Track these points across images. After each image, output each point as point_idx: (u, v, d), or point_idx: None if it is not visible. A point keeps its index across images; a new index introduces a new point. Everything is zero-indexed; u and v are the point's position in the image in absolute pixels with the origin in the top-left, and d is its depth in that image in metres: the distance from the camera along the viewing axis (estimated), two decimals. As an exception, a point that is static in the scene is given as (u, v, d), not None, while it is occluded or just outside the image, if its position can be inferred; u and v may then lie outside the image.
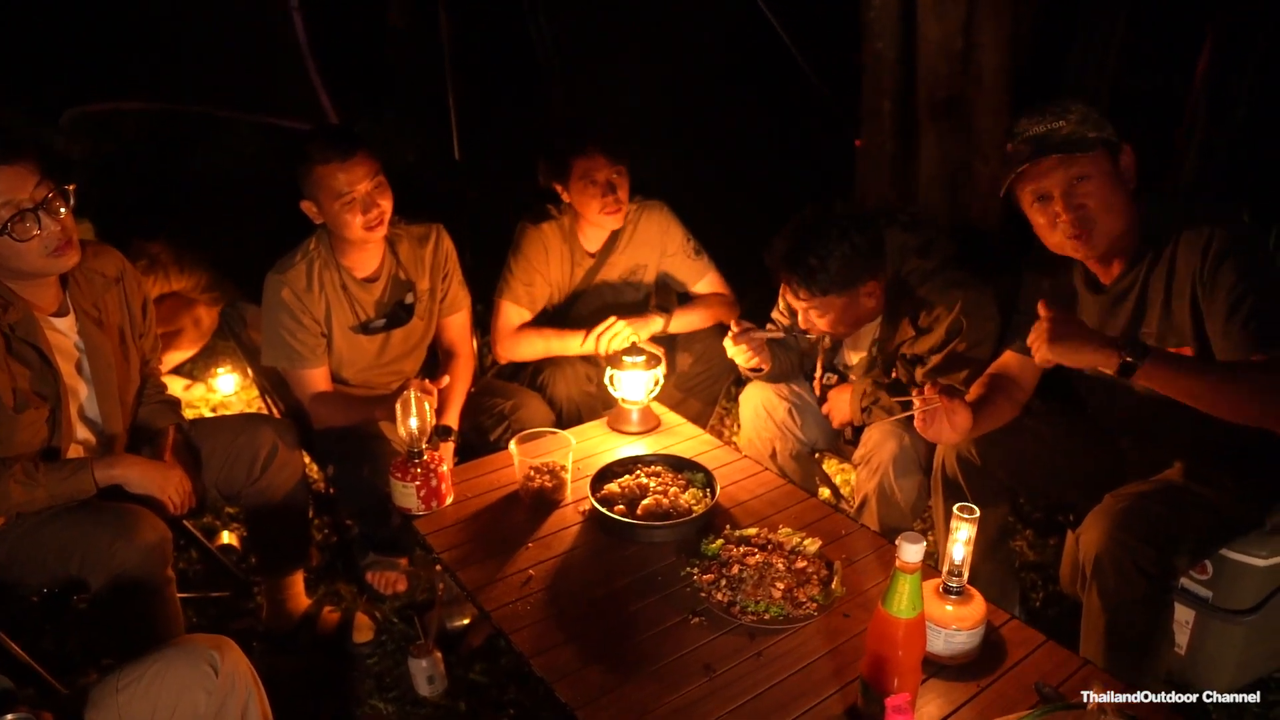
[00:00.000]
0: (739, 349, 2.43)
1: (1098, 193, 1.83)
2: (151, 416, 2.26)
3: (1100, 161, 1.83)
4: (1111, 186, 1.84)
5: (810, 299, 2.22)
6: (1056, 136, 1.83)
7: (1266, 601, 2.09)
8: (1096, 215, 1.84)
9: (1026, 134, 1.87)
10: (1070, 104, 1.86)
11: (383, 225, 2.36)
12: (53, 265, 1.92)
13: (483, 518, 2.03)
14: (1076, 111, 1.85)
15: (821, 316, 2.27)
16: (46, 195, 1.86)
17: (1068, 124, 1.84)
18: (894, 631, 1.33)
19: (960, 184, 4.64)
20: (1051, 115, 1.85)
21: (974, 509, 1.47)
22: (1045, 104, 1.87)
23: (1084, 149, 1.81)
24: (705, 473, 2.09)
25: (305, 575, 2.55)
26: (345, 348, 2.52)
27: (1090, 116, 1.85)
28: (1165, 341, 1.86)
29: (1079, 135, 1.82)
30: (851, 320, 2.30)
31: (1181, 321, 1.83)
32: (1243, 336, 1.73)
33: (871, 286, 2.23)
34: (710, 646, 1.60)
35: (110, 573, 1.84)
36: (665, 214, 2.87)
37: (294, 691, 2.25)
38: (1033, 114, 1.88)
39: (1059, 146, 1.81)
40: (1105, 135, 1.84)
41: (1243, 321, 1.73)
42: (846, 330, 2.36)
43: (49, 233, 1.87)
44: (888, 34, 4.54)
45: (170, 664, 1.44)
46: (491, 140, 5.14)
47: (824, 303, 2.22)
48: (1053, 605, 2.53)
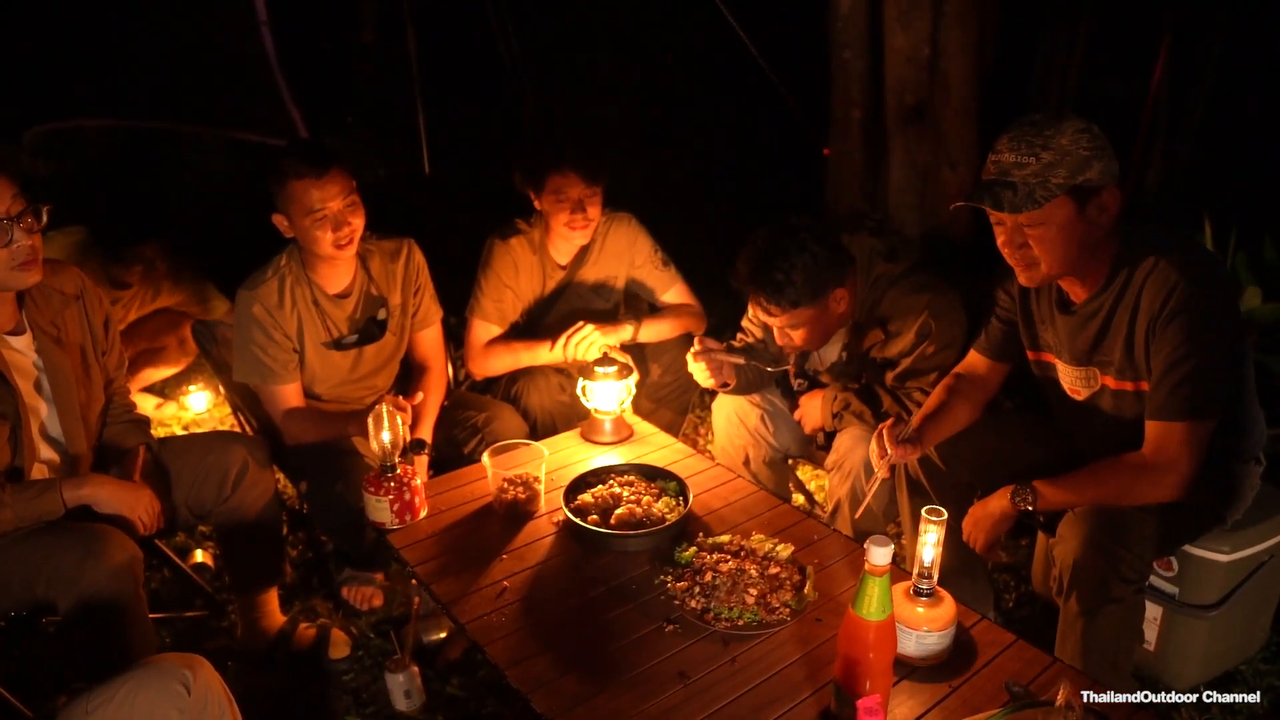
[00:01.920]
0: (698, 366, 2.45)
1: (1046, 240, 1.75)
2: (119, 436, 2.23)
3: (1057, 211, 1.71)
4: (1065, 236, 1.74)
5: (782, 313, 2.23)
6: (1012, 180, 1.72)
7: (1230, 595, 2.13)
8: (1041, 259, 1.78)
9: (996, 158, 1.76)
10: (1057, 135, 1.70)
11: (353, 244, 2.36)
12: (15, 279, 1.90)
13: (457, 531, 2.03)
14: (1056, 149, 1.69)
15: (795, 329, 2.27)
16: (22, 209, 1.87)
17: (1036, 163, 1.70)
18: (864, 634, 1.34)
19: (929, 190, 4.70)
20: (1026, 148, 1.72)
21: (942, 511, 1.49)
22: (1034, 128, 1.72)
23: (1033, 205, 1.70)
24: (678, 481, 2.10)
25: (280, 592, 2.53)
26: (318, 364, 2.51)
27: (1070, 155, 1.69)
28: (1124, 376, 1.86)
29: (1039, 183, 1.70)
30: (823, 331, 2.32)
31: (1139, 360, 1.82)
32: (1168, 400, 1.75)
33: (839, 294, 2.25)
34: (685, 654, 1.61)
35: (78, 594, 1.81)
36: (633, 225, 2.88)
37: (271, 709, 2.23)
38: (1015, 137, 1.74)
39: (1001, 200, 1.72)
40: (1080, 180, 1.70)
41: (1174, 384, 1.74)
42: (821, 341, 2.38)
43: (19, 246, 1.87)
44: (855, 43, 4.61)
45: (141, 684, 1.42)
46: (461, 154, 5.15)
47: (795, 315, 2.23)
48: (1025, 606, 2.56)
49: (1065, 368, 1.99)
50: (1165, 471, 1.77)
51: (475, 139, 5.85)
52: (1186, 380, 1.72)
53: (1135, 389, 1.86)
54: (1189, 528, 1.98)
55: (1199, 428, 1.75)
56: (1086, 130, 1.71)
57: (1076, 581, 1.80)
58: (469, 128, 6.28)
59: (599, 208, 2.70)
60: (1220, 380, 1.76)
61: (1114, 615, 1.79)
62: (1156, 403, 1.78)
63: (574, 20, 7.08)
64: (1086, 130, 1.71)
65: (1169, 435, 1.76)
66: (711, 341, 2.46)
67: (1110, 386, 1.91)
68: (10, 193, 1.86)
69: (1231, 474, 1.97)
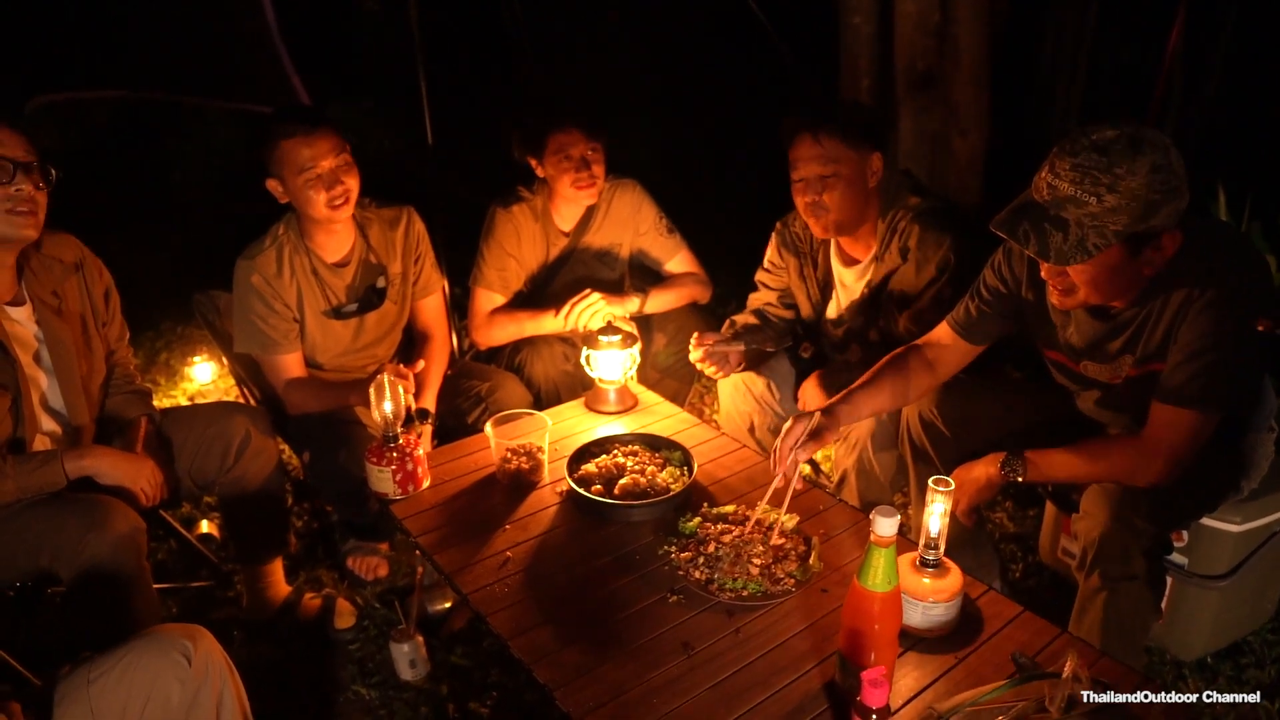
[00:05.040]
0: (704, 365, 2.43)
1: (1087, 275, 1.66)
2: (121, 407, 2.23)
3: (1108, 257, 1.60)
4: (1110, 275, 1.65)
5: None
6: (1064, 218, 1.58)
7: (1240, 566, 2.11)
8: (1082, 290, 1.70)
9: (1053, 181, 1.60)
10: (1129, 175, 1.52)
11: (348, 205, 2.33)
12: (10, 225, 1.89)
13: (460, 501, 2.02)
14: (1124, 193, 1.53)
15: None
16: (32, 162, 1.89)
17: (1096, 205, 1.55)
18: (869, 605, 1.33)
19: (939, 158, 4.64)
20: (1091, 184, 1.54)
21: (949, 481, 1.47)
22: (1105, 160, 1.53)
23: (1083, 256, 1.58)
24: (683, 451, 2.08)
25: (285, 562, 2.54)
26: (318, 333, 2.49)
27: (1138, 200, 1.53)
28: (1149, 364, 1.79)
29: (1094, 228, 1.57)
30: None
31: (1166, 346, 1.74)
32: (1183, 386, 1.69)
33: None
34: (688, 625, 1.60)
35: (81, 564, 1.81)
36: (638, 192, 2.85)
37: (276, 679, 2.24)
38: (1080, 166, 1.56)
39: (1048, 246, 1.59)
40: (1142, 228, 1.56)
41: (1192, 372, 1.67)
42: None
43: (20, 191, 1.87)
44: (864, 9, 4.53)
45: (142, 654, 1.42)
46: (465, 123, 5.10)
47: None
48: (1032, 576, 2.54)
49: (1088, 364, 1.92)
50: (1160, 455, 1.72)
51: (479, 109, 5.80)
52: (1205, 371, 1.66)
53: (1157, 371, 1.79)
54: (1208, 499, 1.95)
55: (1205, 419, 1.70)
56: (1164, 168, 1.53)
57: (1101, 557, 1.76)
58: (473, 97, 6.22)
59: (603, 165, 2.66)
60: (1238, 379, 1.71)
61: (1135, 591, 1.76)
62: (1170, 386, 1.71)
63: (580, -14, 6.99)
64: (1164, 168, 1.53)
65: (1175, 419, 1.71)
66: (710, 336, 2.44)
67: (1132, 375, 1.84)
68: (23, 146, 1.89)
69: (1247, 444, 1.95)
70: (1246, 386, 1.80)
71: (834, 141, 2.17)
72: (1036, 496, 2.81)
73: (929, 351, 2.05)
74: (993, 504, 2.83)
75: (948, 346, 2.05)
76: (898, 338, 2.29)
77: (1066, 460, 1.85)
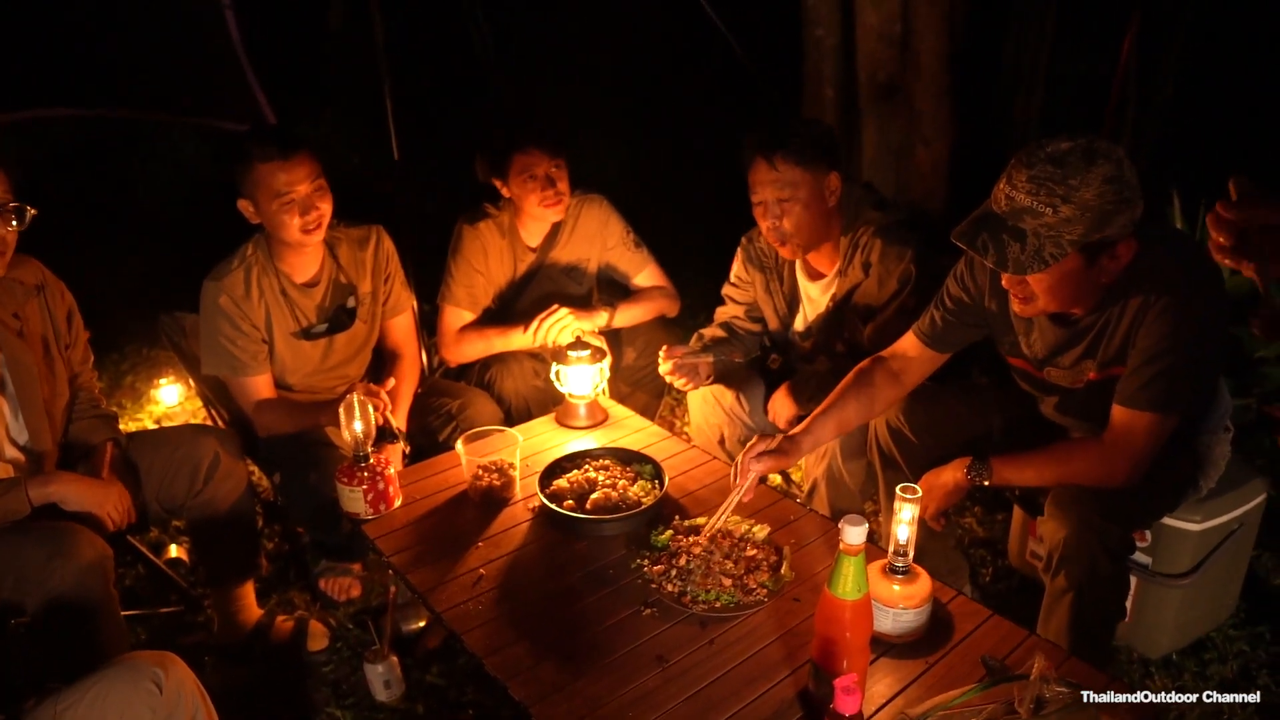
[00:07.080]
0: (674, 378, 2.45)
1: (1045, 284, 1.70)
2: (86, 432, 2.20)
3: (1065, 266, 1.64)
4: (1067, 283, 1.69)
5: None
6: (1021, 229, 1.62)
7: (1202, 564, 2.15)
8: (1041, 298, 1.74)
9: (1011, 192, 1.63)
10: (1082, 187, 1.56)
11: (320, 229, 2.33)
12: None
13: (432, 519, 2.02)
14: (1078, 203, 1.57)
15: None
16: (7, 201, 1.89)
17: (1052, 215, 1.59)
18: (840, 613, 1.34)
19: (903, 167, 4.70)
20: (1046, 195, 1.58)
21: (916, 489, 1.49)
22: (1060, 172, 1.57)
23: (1040, 265, 1.61)
24: (653, 464, 2.09)
25: (256, 585, 2.51)
26: (287, 354, 2.48)
27: (1092, 211, 1.57)
28: (1109, 368, 1.83)
29: (1050, 238, 1.60)
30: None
31: (1126, 349, 1.78)
32: (1141, 390, 1.73)
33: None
34: (662, 637, 1.60)
35: (47, 594, 1.78)
36: (605, 207, 2.87)
37: (249, 704, 2.21)
38: (1037, 179, 1.59)
39: (1006, 257, 1.63)
40: (1097, 237, 1.60)
41: (1150, 376, 1.71)
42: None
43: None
44: (827, 20, 4.58)
45: (112, 683, 1.41)
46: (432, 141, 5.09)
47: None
48: (1001, 580, 2.58)
49: (1051, 370, 1.96)
50: (1122, 457, 1.77)
51: (446, 125, 5.79)
52: (1163, 375, 1.71)
53: (1118, 375, 1.84)
54: (1169, 499, 1.99)
55: (1164, 421, 1.74)
56: (1116, 179, 1.58)
57: (1066, 559, 1.79)
58: (439, 113, 6.21)
59: (567, 182, 2.68)
60: (1195, 382, 1.76)
61: (1100, 591, 1.80)
62: (1128, 390, 1.75)
63: (546, 5, 7.01)
64: (1116, 179, 1.58)
65: (1134, 423, 1.75)
66: (678, 349, 2.46)
67: (1093, 379, 1.88)
68: (4, 185, 1.90)
69: (1204, 444, 1.99)
70: (1203, 389, 1.84)
71: (789, 165, 2.20)
72: (1005, 501, 2.84)
73: (894, 363, 2.08)
74: (961, 509, 2.86)
75: (914, 357, 2.08)
76: (864, 349, 2.32)
77: (1031, 464, 1.89)
